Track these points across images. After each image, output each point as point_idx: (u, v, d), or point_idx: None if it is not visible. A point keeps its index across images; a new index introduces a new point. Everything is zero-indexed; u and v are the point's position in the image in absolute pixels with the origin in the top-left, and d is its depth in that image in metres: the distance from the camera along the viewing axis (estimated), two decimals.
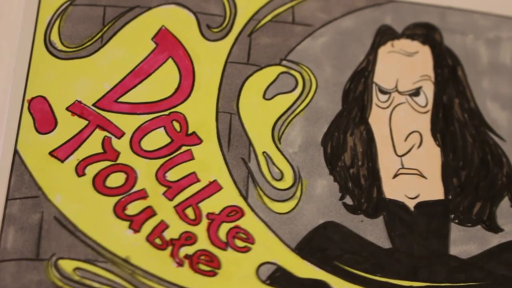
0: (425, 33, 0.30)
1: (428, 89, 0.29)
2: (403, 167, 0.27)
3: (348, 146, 0.28)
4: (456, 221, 0.27)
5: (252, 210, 0.26)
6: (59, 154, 0.26)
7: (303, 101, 0.28)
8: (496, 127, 0.29)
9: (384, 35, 0.30)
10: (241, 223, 0.26)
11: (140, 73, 0.28)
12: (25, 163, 0.26)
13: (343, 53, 0.30)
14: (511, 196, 0.28)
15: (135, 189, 0.26)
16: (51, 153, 0.26)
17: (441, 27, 0.30)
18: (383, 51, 0.29)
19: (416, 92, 0.29)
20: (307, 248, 0.26)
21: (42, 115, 0.27)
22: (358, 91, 0.29)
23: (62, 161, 0.26)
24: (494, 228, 0.27)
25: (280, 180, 0.27)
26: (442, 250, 0.27)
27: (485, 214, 0.27)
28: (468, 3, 0.31)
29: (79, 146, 0.26)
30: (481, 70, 0.30)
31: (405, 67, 0.29)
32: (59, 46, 0.28)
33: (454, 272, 0.26)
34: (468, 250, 0.27)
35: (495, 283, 0.26)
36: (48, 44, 0.28)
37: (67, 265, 0.24)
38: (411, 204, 0.27)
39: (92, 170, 0.26)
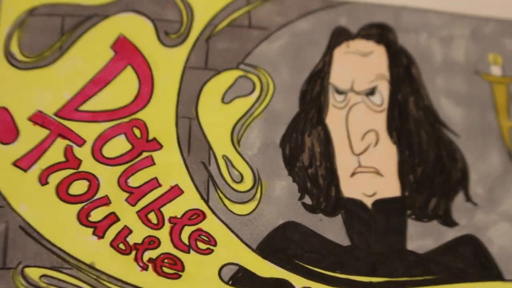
0: (380, 33, 0.29)
1: (384, 88, 0.28)
2: (360, 166, 0.27)
3: (306, 147, 0.28)
4: (413, 216, 0.27)
5: (213, 212, 0.26)
6: (22, 164, 0.26)
7: (261, 104, 0.28)
8: (451, 123, 0.29)
9: (339, 36, 0.29)
10: (203, 225, 0.26)
11: (99, 81, 0.27)
12: None
13: (299, 56, 0.29)
14: (466, 191, 0.28)
15: (97, 196, 0.26)
16: (14, 163, 0.26)
17: (395, 26, 0.30)
18: (338, 52, 0.29)
19: (371, 92, 0.28)
20: (268, 248, 0.26)
21: (4, 125, 0.26)
22: (315, 92, 0.28)
23: (25, 171, 0.26)
24: (449, 222, 0.27)
25: (240, 182, 0.27)
26: (399, 246, 0.27)
27: (440, 209, 0.27)
28: (421, 2, 0.31)
29: (42, 155, 0.26)
30: (435, 68, 0.30)
31: (360, 67, 0.29)
32: (19, 56, 0.27)
33: (411, 267, 0.26)
34: (425, 244, 0.27)
35: (451, 276, 0.26)
36: (8, 55, 0.27)
37: (34, 273, 0.24)
38: (368, 202, 0.27)
39: (55, 178, 0.26)
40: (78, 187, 0.26)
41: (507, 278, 0.26)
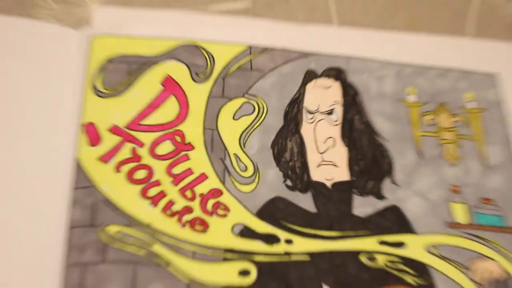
0: (336, 73, 0.32)
1: (339, 110, 0.31)
2: (323, 160, 0.30)
3: (287, 148, 0.30)
4: (357, 193, 0.30)
5: (228, 190, 0.29)
6: (104, 159, 0.29)
7: (258, 120, 0.31)
8: (382, 133, 0.31)
9: (310, 76, 0.32)
10: (221, 199, 0.29)
11: (153, 105, 0.30)
12: (82, 166, 0.28)
13: (283, 88, 0.32)
14: (391, 176, 0.30)
15: (152, 179, 0.28)
16: (99, 159, 0.28)
17: (346, 69, 0.32)
18: (309, 86, 0.32)
19: (330, 112, 0.31)
20: (263, 213, 0.28)
21: (92, 134, 0.29)
22: (294, 112, 0.31)
23: (106, 163, 0.28)
24: (380, 197, 0.30)
25: (245, 171, 0.30)
26: (348, 212, 0.29)
27: (375, 188, 0.30)
28: (363, 53, 0.33)
29: (116, 153, 0.29)
30: (372, 97, 0.32)
31: (323, 96, 0.32)
32: (101, 89, 0.30)
33: (356, 226, 0.29)
34: (365, 211, 0.29)
35: (381, 231, 0.29)
36: (94, 88, 0.30)
37: (112, 229, 0.27)
38: (328, 184, 0.30)
39: (125, 168, 0.28)
40: (140, 174, 0.28)
41: (416, 231, 0.29)
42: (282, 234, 0.28)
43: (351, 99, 0.32)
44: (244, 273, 0.27)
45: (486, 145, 0.32)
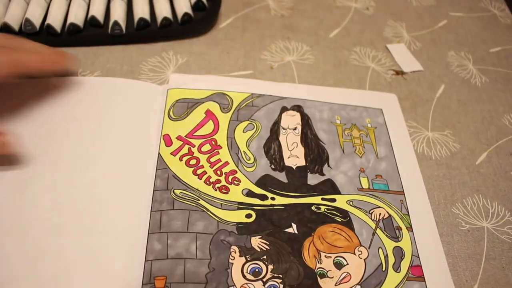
0: (298, 108, 0.37)
1: (299, 127, 0.36)
2: (291, 155, 0.34)
3: (272, 148, 0.35)
4: (309, 172, 0.34)
5: (240, 171, 0.34)
6: (174, 153, 0.33)
7: (256, 133, 0.35)
8: (323, 139, 0.36)
9: (283, 109, 0.37)
10: (236, 175, 0.34)
11: (200, 125, 0.35)
12: (162, 157, 0.32)
13: (269, 116, 0.36)
14: (328, 163, 0.34)
15: (199, 164, 0.33)
16: (170, 153, 0.33)
17: (303, 105, 0.37)
18: (284, 115, 0.36)
19: (295, 128, 0.36)
20: (259, 183, 0.33)
21: (168, 140, 0.33)
22: (275, 129, 0.36)
23: (175, 156, 0.33)
24: (322, 174, 0.34)
25: (249, 160, 0.34)
26: (305, 182, 0.33)
27: (319, 169, 0.34)
28: (312, 98, 0.38)
29: (180, 151, 0.33)
30: (317, 120, 0.37)
31: (291, 120, 0.37)
32: (172, 115, 0.35)
33: (309, 190, 0.33)
34: (314, 182, 0.34)
35: (323, 193, 0.33)
36: (169, 116, 0.35)
37: (177, 192, 0.31)
38: (294, 167, 0.34)
39: (184, 158, 0.33)
40: (192, 161, 0.33)
41: (342, 193, 0.33)
42: (269, 194, 0.33)
43: (306, 122, 0.37)
44: (248, 215, 0.31)
45: (377, 146, 0.37)
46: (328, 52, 0.42)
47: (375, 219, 0.33)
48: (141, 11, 0.38)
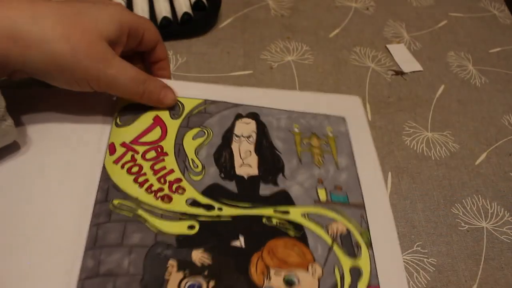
0: (253, 115, 0.38)
1: (254, 135, 0.37)
2: (243, 163, 0.35)
3: (223, 156, 0.36)
4: (262, 182, 0.34)
5: (186, 179, 0.34)
6: (116, 161, 0.33)
7: (207, 140, 0.36)
8: (279, 148, 0.37)
9: (238, 116, 0.38)
10: (181, 184, 0.34)
11: (147, 131, 0.35)
12: (106, 167, 0.33)
13: (222, 123, 0.37)
14: (283, 173, 0.35)
15: (142, 172, 0.33)
16: (114, 162, 0.33)
17: (259, 113, 0.38)
18: (237, 122, 0.37)
19: (249, 136, 0.36)
20: (206, 192, 0.33)
21: (112, 149, 0.34)
22: (227, 136, 0.37)
23: (116, 164, 0.33)
24: (276, 184, 0.34)
25: (197, 168, 0.35)
26: (256, 193, 0.34)
27: (273, 180, 0.35)
28: (269, 105, 0.39)
29: (122, 158, 0.34)
30: (274, 129, 0.38)
31: (245, 128, 0.37)
32: (119, 122, 0.36)
33: (260, 201, 0.34)
34: (266, 193, 0.34)
35: (275, 205, 0.33)
36: (116, 123, 0.36)
37: (116, 202, 0.31)
38: (246, 176, 0.35)
39: (126, 166, 0.33)
40: (135, 169, 0.33)
41: (295, 203, 0.33)
42: (216, 205, 0.33)
43: (262, 130, 0.37)
44: (191, 227, 0.31)
45: (338, 156, 0.38)
46: (328, 52, 0.45)
47: (332, 234, 0.32)
48: (140, 10, 0.41)
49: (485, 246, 0.32)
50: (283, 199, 0.32)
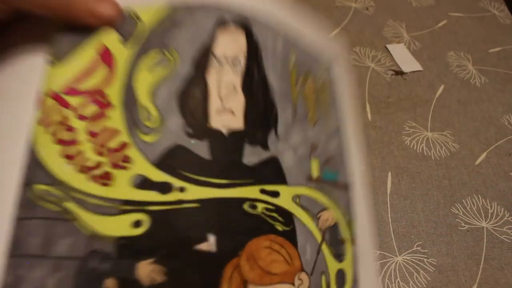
0: (244, 23, 0.27)
1: (242, 59, 0.26)
2: (223, 108, 0.25)
3: (192, 94, 0.25)
4: (248, 142, 0.25)
5: (134, 143, 0.24)
6: (44, 123, 0.24)
7: (169, 70, 0.26)
8: (272, 88, 0.27)
9: (220, 23, 0.26)
10: (127, 151, 0.24)
11: (86, 73, 0.25)
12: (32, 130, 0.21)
13: (195, 38, 0.26)
14: (276, 129, 0.26)
15: (74, 139, 0.24)
16: (40, 123, 0.23)
17: (252, 22, 0.28)
18: (220, 34, 0.26)
19: (235, 60, 0.26)
20: (162, 162, 0.24)
21: (39, 100, 0.24)
22: (202, 59, 0.26)
23: (46, 128, 0.24)
24: (266, 147, 0.25)
25: (150, 121, 0.25)
26: (238, 160, 0.25)
27: (263, 138, 0.25)
28: (267, 10, 0.28)
29: (51, 116, 0.24)
30: (269, 54, 0.27)
31: (231, 44, 0.26)
32: (51, 58, 0.25)
33: (243, 174, 0.24)
34: (252, 160, 0.24)
35: (263, 181, 0.25)
36: (48, 60, 0.24)
37: (40, 188, 0.22)
38: (225, 131, 0.25)
39: (53, 129, 0.24)
40: (65, 135, 0.23)
41: (288, 183, 0.25)
42: (177, 182, 0.23)
43: (254, 52, 0.27)
44: (137, 223, 0.22)
45: (330, 113, 0.29)
46: None
47: (322, 228, 0.25)
48: None
49: (485, 246, 0.33)
50: (274, 172, 0.25)
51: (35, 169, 0.22)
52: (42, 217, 0.22)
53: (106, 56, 0.26)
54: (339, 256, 0.25)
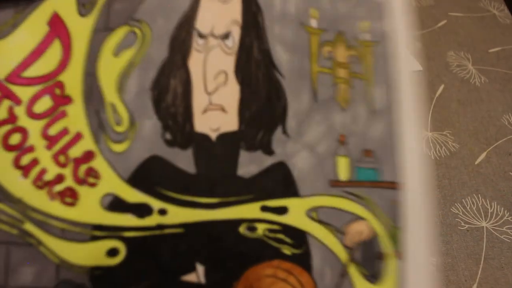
0: None
1: (236, 33, 0.21)
2: (211, 104, 0.21)
3: (170, 88, 0.20)
4: (244, 147, 0.21)
5: (101, 152, 0.20)
6: None
7: (139, 53, 0.21)
8: (280, 66, 0.21)
9: None
10: (93, 163, 0.20)
11: (37, 52, 0.21)
12: None
13: (173, 6, 0.21)
14: (284, 125, 0.21)
15: (26, 145, 0.20)
16: None
17: None
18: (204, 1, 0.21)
19: (226, 35, 0.21)
20: (136, 178, 0.20)
21: None
22: (182, 37, 0.21)
23: None
24: (269, 151, 0.21)
25: (119, 125, 0.21)
26: (232, 172, 0.20)
27: (265, 140, 0.21)
28: None
29: None
30: (275, 16, 0.22)
31: (220, 13, 0.21)
32: None
33: (239, 189, 0.20)
34: (250, 171, 0.20)
35: (265, 195, 0.21)
36: None
37: None
38: (213, 135, 0.20)
39: (0, 131, 0.20)
40: (14, 138, 0.20)
41: (301, 194, 0.20)
42: (156, 203, 0.20)
43: (252, 19, 0.22)
44: (112, 252, 0.20)
45: (375, 85, 0.22)
46: None
47: (350, 244, 0.21)
48: None
49: (485, 245, 0.33)
50: (280, 182, 0.21)
51: None
52: None
53: (59, 28, 0.21)
54: (373, 277, 0.20)
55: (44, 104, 0.20)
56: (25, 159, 0.20)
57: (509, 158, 0.40)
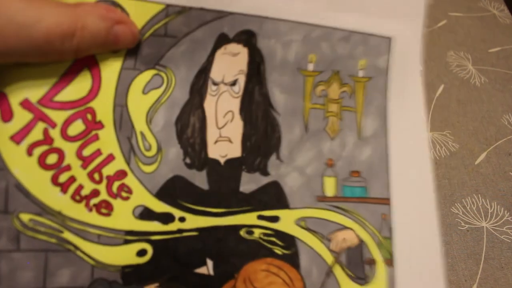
0: (246, 38, 0.25)
1: (242, 80, 0.25)
2: (220, 136, 0.26)
3: (190, 124, 0.25)
4: (245, 170, 0.26)
5: (132, 172, 0.24)
6: (16, 139, 0.22)
7: (165, 94, 0.25)
8: (276, 105, 0.26)
9: (220, 41, 0.25)
10: (125, 181, 0.24)
11: (67, 79, 0.24)
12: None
13: (193, 57, 0.25)
14: (278, 152, 0.26)
15: (63, 164, 0.23)
16: (12, 138, 0.22)
17: (257, 33, 0.25)
18: (218, 53, 0.25)
19: (234, 83, 0.26)
20: (162, 193, 0.25)
21: (5, 109, 0.23)
22: (199, 84, 0.25)
23: (18, 144, 0.22)
24: (265, 173, 0.26)
25: (149, 150, 0.25)
26: (236, 189, 0.26)
27: (261, 165, 0.26)
28: (278, 12, 0.26)
29: (27, 134, 0.23)
30: (276, 64, 0.26)
31: (230, 64, 0.25)
32: None
33: (241, 202, 0.26)
34: (250, 188, 0.26)
35: (261, 207, 0.26)
36: None
37: (25, 217, 0.22)
38: (222, 160, 0.26)
39: (37, 151, 0.23)
40: (51, 158, 0.23)
41: (291, 207, 0.26)
42: (177, 213, 0.25)
43: (256, 68, 0.26)
44: (142, 252, 0.24)
45: (364, 116, 0.26)
46: None
47: (336, 249, 0.26)
48: None
49: (485, 245, 0.34)
50: (273, 197, 0.26)
51: (18, 196, 0.22)
52: (33, 249, 0.22)
53: (87, 60, 0.24)
54: (360, 278, 0.24)
55: (77, 127, 0.23)
56: (63, 177, 0.23)
57: (509, 158, 0.41)
